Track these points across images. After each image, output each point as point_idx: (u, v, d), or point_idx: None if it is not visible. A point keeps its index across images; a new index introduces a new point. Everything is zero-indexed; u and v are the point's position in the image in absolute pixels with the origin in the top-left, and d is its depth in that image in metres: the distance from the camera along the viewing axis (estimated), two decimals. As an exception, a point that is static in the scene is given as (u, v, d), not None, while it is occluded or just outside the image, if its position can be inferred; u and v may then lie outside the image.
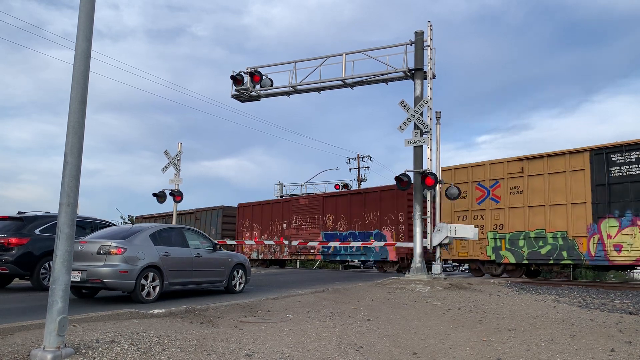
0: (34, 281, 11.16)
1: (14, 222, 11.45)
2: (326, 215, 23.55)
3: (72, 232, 4.55)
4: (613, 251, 14.46)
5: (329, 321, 6.98)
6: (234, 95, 18.37)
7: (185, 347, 4.98)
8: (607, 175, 14.79)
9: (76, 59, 4.73)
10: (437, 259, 14.80)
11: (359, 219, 22.20)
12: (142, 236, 9.44)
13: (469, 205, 17.77)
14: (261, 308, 8.16)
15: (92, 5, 4.83)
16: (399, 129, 14.26)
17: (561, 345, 5.61)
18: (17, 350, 4.52)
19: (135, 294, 8.90)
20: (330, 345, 5.38)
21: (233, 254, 11.86)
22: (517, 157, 16.90)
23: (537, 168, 16.29)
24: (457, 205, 17.75)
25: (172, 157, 19.29)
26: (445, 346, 5.51)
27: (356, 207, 22.34)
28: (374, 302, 9.44)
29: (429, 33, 14.98)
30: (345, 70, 16.21)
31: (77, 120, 4.66)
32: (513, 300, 10.03)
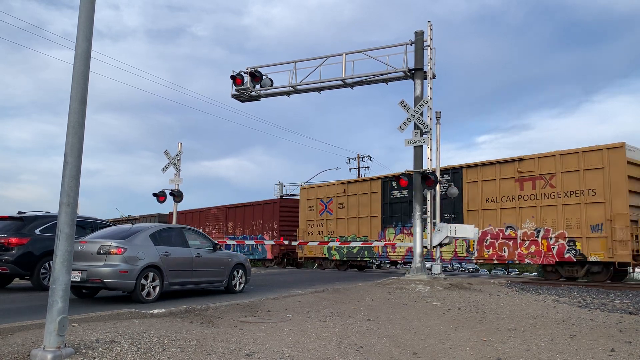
0: (34, 281, 11.16)
1: (14, 222, 11.44)
2: (228, 222, 29.48)
3: (72, 232, 4.55)
4: (391, 251, 21.03)
5: (329, 321, 6.98)
6: (234, 95, 18.37)
7: (185, 347, 4.98)
8: (389, 196, 21.41)
9: (76, 59, 4.73)
10: (437, 259, 14.81)
11: (249, 225, 28.15)
12: (142, 236, 9.44)
13: (315, 216, 24.56)
14: (261, 308, 8.16)
15: (92, 5, 4.83)
16: (399, 129, 14.26)
17: (561, 345, 5.61)
18: (17, 350, 4.52)
19: (136, 293, 8.90)
20: (331, 345, 5.38)
21: (233, 253, 11.86)
22: (342, 181, 24.04)
23: (353, 189, 23.09)
24: (309, 215, 24.79)
25: (172, 157, 19.29)
26: (445, 346, 5.51)
27: (248, 216, 28.35)
28: (374, 302, 9.45)
29: (429, 33, 14.99)
30: (345, 70, 16.21)
31: (77, 120, 4.65)
32: (513, 300, 10.03)
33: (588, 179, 15.53)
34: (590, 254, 15.24)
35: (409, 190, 18.72)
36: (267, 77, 17.85)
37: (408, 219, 19.71)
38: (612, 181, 15.01)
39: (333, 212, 23.63)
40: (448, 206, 18.52)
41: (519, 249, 16.89)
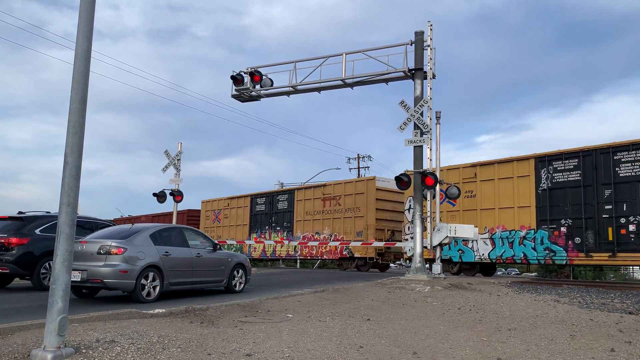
0: (34, 281, 11.17)
1: (14, 222, 11.45)
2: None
3: (72, 232, 4.55)
4: (254, 252, 26.70)
5: (329, 321, 6.99)
6: (234, 95, 18.36)
7: (185, 347, 4.98)
8: (255, 210, 27.46)
9: (76, 59, 4.73)
10: (437, 258, 14.81)
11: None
12: (142, 236, 9.44)
13: (209, 224, 30.30)
14: (261, 308, 8.16)
15: (93, 5, 4.83)
16: (399, 129, 14.25)
17: (561, 345, 5.61)
18: (17, 350, 4.52)
19: (136, 293, 8.90)
20: (331, 345, 5.38)
21: (233, 253, 11.86)
22: (227, 197, 29.39)
23: (233, 204, 28.98)
24: (206, 223, 30.40)
25: (172, 157, 19.29)
26: (445, 346, 5.52)
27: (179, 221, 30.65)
28: (374, 302, 9.45)
29: (429, 33, 14.98)
30: (345, 70, 16.20)
31: (77, 120, 4.66)
32: (513, 300, 10.03)
33: (357, 200, 22.37)
34: (355, 252, 22.03)
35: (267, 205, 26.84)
36: (267, 77, 17.85)
37: (265, 227, 26.71)
38: (368, 201, 21.92)
39: (221, 221, 29.52)
40: (284, 218, 25.93)
41: (321, 248, 23.51)
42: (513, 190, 16.78)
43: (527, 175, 16.42)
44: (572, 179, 15.56)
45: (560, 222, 15.65)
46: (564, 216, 15.59)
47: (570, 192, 15.53)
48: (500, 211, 17.06)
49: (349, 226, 22.24)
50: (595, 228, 14.81)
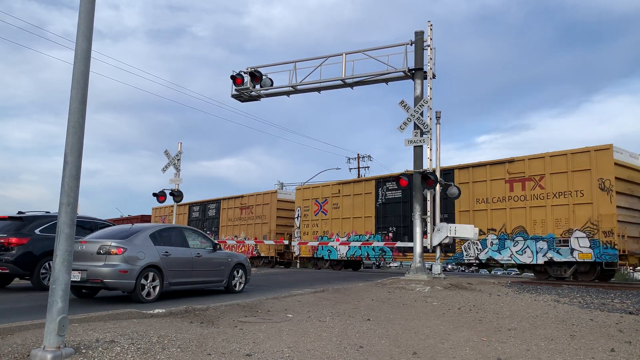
0: (34, 281, 11.16)
1: (14, 222, 11.44)
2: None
3: (72, 232, 4.55)
4: None
5: (329, 321, 6.98)
6: (234, 95, 18.37)
7: (185, 347, 4.98)
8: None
9: (76, 59, 4.73)
10: (437, 258, 14.81)
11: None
12: (142, 236, 9.44)
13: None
14: (261, 308, 8.16)
15: (92, 5, 4.83)
16: (399, 129, 14.26)
17: (561, 345, 5.61)
18: (17, 350, 4.52)
19: (135, 293, 8.90)
20: (330, 345, 5.38)
21: (233, 253, 11.86)
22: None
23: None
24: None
25: (172, 157, 19.30)
26: (445, 346, 5.51)
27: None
28: (374, 302, 9.45)
29: (429, 33, 14.99)
30: (345, 70, 16.22)
31: (77, 120, 4.65)
32: (513, 300, 10.03)
33: (264, 209, 26.75)
34: (261, 252, 26.82)
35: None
36: (267, 77, 17.86)
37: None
38: (271, 210, 26.28)
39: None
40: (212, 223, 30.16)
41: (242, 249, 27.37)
42: (363, 203, 21.58)
43: (370, 193, 21.31)
44: (396, 197, 20.43)
45: (389, 228, 20.46)
46: (392, 224, 20.39)
47: (395, 206, 20.38)
48: (354, 220, 21.75)
49: (258, 230, 26.88)
50: (409, 234, 18.70)
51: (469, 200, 17.84)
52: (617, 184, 14.75)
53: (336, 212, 22.59)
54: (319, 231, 23.13)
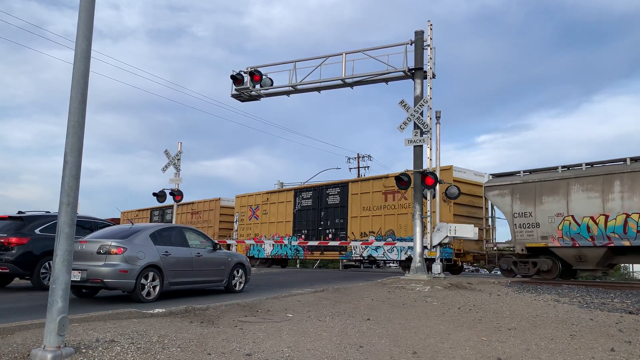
0: (34, 281, 11.16)
1: (14, 221, 11.44)
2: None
3: (72, 231, 4.55)
4: None
5: (329, 321, 6.99)
6: (234, 94, 18.37)
7: (185, 347, 4.98)
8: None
9: (76, 59, 4.73)
10: (437, 258, 14.81)
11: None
12: (142, 236, 9.44)
13: None
14: (261, 307, 8.16)
15: (92, 5, 4.83)
16: (399, 129, 14.26)
17: (561, 345, 5.61)
18: (17, 350, 4.52)
19: (135, 293, 8.90)
20: (330, 344, 5.38)
21: (233, 253, 11.86)
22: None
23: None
24: None
25: (172, 156, 19.30)
26: (445, 346, 5.51)
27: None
28: (374, 302, 9.45)
29: (429, 33, 14.98)
30: (345, 69, 16.21)
31: (77, 120, 4.66)
32: (513, 299, 10.03)
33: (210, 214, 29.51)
34: None
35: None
36: (267, 77, 17.86)
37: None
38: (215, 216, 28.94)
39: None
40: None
41: None
42: (285, 210, 24.66)
43: (290, 201, 24.52)
44: (309, 205, 23.80)
45: (302, 231, 23.60)
46: (305, 228, 23.64)
47: (308, 213, 23.70)
48: (278, 224, 24.76)
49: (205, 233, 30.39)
50: (317, 236, 22.69)
51: (359, 209, 21.39)
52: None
53: (265, 217, 25.80)
54: (252, 233, 26.23)
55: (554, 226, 15.59)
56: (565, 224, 15.45)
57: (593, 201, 14.93)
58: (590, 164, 15.27)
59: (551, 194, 15.81)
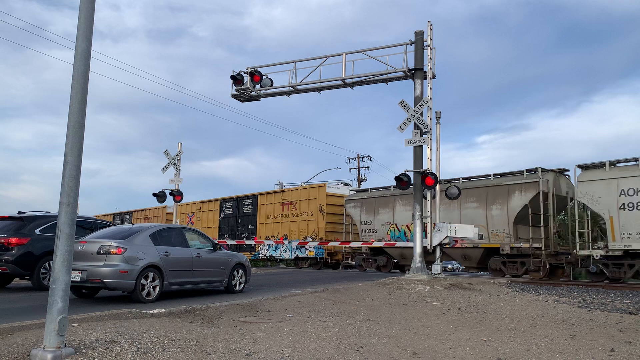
0: (34, 281, 11.16)
1: (14, 222, 11.44)
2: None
3: (72, 232, 4.55)
4: None
5: (329, 321, 6.99)
6: (234, 95, 18.36)
7: (185, 347, 4.98)
8: None
9: (76, 59, 4.73)
10: (437, 258, 14.80)
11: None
12: (142, 236, 9.44)
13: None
14: (261, 308, 8.16)
15: (92, 5, 4.83)
16: (399, 129, 14.26)
17: (561, 345, 5.61)
18: (17, 350, 4.52)
19: (135, 293, 8.90)
20: (330, 344, 5.38)
21: (233, 253, 11.85)
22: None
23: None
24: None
25: (172, 157, 19.30)
26: (445, 346, 5.51)
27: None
28: (374, 302, 9.45)
29: (429, 33, 14.98)
30: (345, 70, 16.20)
31: (77, 120, 4.66)
32: (513, 300, 10.03)
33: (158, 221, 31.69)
34: None
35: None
36: (267, 77, 17.84)
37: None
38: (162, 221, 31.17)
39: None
40: None
41: None
42: (213, 217, 28.84)
43: (217, 210, 28.74)
44: (231, 213, 28.01)
45: (225, 236, 27.31)
46: (227, 232, 27.70)
47: (230, 219, 27.91)
48: (208, 229, 27.95)
49: None
50: (236, 239, 25.79)
51: (265, 216, 25.91)
52: (327, 208, 23.55)
53: (198, 224, 29.49)
54: None
55: (385, 232, 20.61)
56: (391, 230, 20.49)
57: (408, 213, 19.13)
58: None
59: (384, 207, 20.89)
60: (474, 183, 18.42)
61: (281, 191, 26.15)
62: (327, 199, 23.53)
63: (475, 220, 17.54)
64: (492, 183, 17.90)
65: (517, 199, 17.03)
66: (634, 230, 14.37)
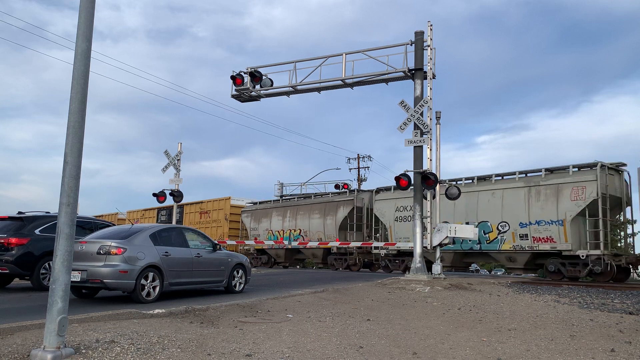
0: (34, 281, 11.16)
1: (14, 222, 11.44)
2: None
3: (72, 232, 4.55)
4: None
5: (329, 321, 6.98)
6: (234, 95, 18.35)
7: (185, 347, 4.98)
8: None
9: (76, 59, 4.73)
10: (437, 258, 14.81)
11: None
12: (142, 236, 9.43)
13: None
14: (261, 308, 8.16)
15: (92, 5, 4.83)
16: (399, 129, 14.26)
17: (561, 345, 5.61)
18: (17, 350, 4.52)
19: (135, 294, 8.90)
20: (330, 345, 5.38)
21: (233, 254, 11.85)
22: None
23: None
24: None
25: (172, 157, 19.30)
26: (445, 346, 5.51)
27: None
28: (374, 302, 9.44)
29: (429, 33, 14.98)
30: (345, 70, 16.20)
31: (77, 120, 4.65)
32: (513, 300, 10.03)
33: None
34: None
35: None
36: (267, 77, 17.84)
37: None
38: None
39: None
40: None
41: None
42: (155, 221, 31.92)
43: (154, 217, 32.60)
44: (164, 219, 31.37)
45: None
46: None
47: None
48: None
49: None
50: None
51: (188, 223, 29.23)
52: (231, 216, 28.52)
53: None
54: None
55: (265, 236, 26.37)
56: (269, 234, 26.36)
57: (280, 222, 26.01)
58: (280, 198, 28.20)
59: (265, 217, 26.91)
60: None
61: (200, 202, 30.96)
62: (231, 209, 28.76)
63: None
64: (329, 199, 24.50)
65: (340, 212, 23.42)
66: (402, 235, 20.38)
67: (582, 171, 16.20)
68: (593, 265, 15.53)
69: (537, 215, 16.83)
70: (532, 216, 16.91)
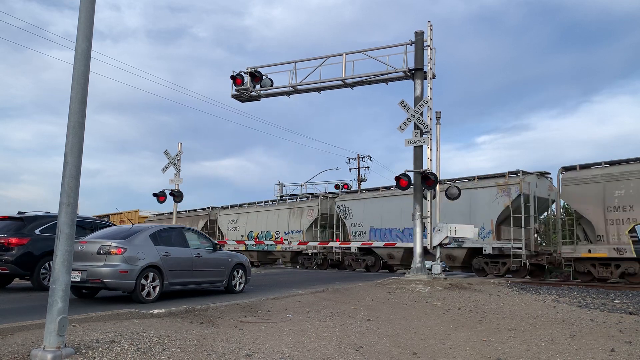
0: (34, 281, 11.16)
1: (14, 222, 11.44)
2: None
3: (72, 232, 4.55)
4: None
5: (329, 321, 6.99)
6: (234, 95, 18.35)
7: (185, 347, 4.98)
8: None
9: (76, 59, 4.73)
10: (437, 258, 14.80)
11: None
12: (142, 236, 9.44)
13: None
14: (261, 308, 8.17)
15: (92, 5, 4.83)
16: (399, 129, 14.26)
17: (561, 345, 5.61)
18: (17, 350, 4.52)
19: (136, 294, 8.90)
20: (330, 345, 5.38)
21: (233, 254, 11.85)
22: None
23: None
24: None
25: (172, 157, 19.30)
26: (445, 346, 5.52)
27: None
28: (374, 302, 9.45)
29: (429, 33, 14.98)
30: (345, 70, 16.19)
31: (77, 120, 4.66)
32: (513, 300, 10.03)
33: None
34: None
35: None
36: (267, 77, 17.83)
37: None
38: None
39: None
40: None
41: None
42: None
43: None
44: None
45: None
46: None
47: None
48: None
49: None
50: None
51: None
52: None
53: None
54: None
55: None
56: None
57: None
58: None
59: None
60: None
61: (119, 213, 35.25)
62: (139, 219, 33.40)
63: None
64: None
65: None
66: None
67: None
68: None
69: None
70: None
